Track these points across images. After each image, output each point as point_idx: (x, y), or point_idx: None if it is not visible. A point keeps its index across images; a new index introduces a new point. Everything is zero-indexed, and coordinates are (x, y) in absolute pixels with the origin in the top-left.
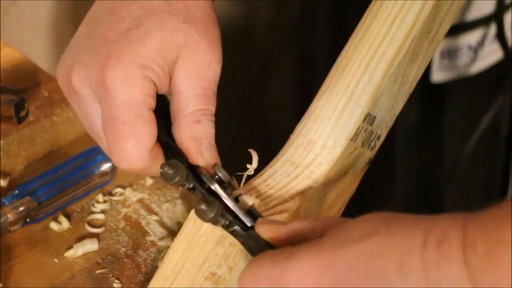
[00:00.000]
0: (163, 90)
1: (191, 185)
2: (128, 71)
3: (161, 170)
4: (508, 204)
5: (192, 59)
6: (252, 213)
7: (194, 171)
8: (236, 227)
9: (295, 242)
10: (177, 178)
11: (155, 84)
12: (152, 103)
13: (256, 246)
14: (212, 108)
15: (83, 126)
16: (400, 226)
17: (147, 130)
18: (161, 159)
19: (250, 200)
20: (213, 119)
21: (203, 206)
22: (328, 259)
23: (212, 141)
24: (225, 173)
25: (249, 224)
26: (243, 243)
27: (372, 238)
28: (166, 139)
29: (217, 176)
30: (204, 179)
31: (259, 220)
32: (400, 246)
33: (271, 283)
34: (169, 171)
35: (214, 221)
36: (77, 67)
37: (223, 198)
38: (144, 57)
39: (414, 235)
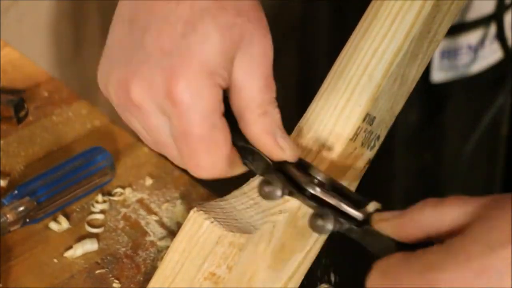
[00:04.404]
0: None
1: (288, 192)
2: (197, 82)
3: (261, 192)
4: None
5: (250, 53)
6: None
7: (281, 170)
8: (350, 226)
9: (418, 233)
10: (279, 193)
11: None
12: (222, 107)
13: (378, 243)
14: (274, 93)
15: (143, 139)
16: None
17: (222, 139)
18: (238, 162)
19: (374, 206)
20: (277, 104)
21: (319, 222)
22: (479, 266)
23: (283, 128)
24: (323, 174)
25: (360, 219)
26: (359, 239)
27: None
28: (240, 141)
29: (316, 180)
30: (304, 186)
31: (374, 215)
32: None
33: None
34: (267, 190)
35: (336, 230)
36: (136, 80)
37: (331, 202)
38: (210, 64)
39: None
